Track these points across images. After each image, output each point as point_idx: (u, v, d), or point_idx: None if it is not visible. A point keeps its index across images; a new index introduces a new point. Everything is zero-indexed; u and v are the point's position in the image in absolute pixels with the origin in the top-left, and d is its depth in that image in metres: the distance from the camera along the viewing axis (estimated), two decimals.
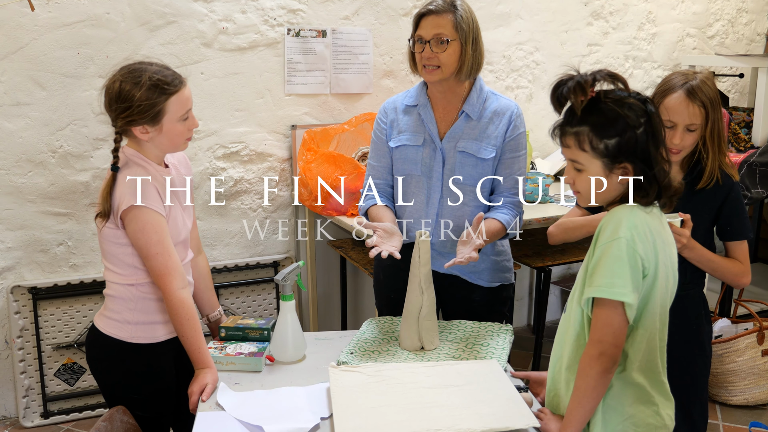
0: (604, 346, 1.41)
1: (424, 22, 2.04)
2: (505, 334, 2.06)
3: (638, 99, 1.48)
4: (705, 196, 2.01)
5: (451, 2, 2.03)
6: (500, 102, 2.14)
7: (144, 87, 1.73)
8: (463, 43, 2.02)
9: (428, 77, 2.08)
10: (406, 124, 2.18)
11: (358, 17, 3.30)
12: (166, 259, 1.76)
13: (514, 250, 3.20)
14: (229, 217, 3.23)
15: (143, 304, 1.85)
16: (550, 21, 3.75)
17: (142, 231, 1.75)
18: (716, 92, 1.99)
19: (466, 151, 2.11)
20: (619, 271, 1.42)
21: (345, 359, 1.88)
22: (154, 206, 1.76)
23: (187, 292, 1.80)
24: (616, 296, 1.41)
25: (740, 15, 4.30)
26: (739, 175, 3.23)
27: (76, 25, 2.82)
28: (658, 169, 1.46)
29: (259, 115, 3.20)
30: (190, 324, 1.78)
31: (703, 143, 1.98)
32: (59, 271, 3.00)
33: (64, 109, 2.87)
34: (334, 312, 3.55)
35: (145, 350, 1.85)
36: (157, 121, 1.77)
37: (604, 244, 1.45)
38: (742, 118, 3.80)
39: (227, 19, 3.06)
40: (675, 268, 1.55)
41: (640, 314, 1.47)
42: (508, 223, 2.10)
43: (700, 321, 2.09)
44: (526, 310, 4.14)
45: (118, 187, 1.77)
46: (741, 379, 3.15)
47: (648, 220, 1.47)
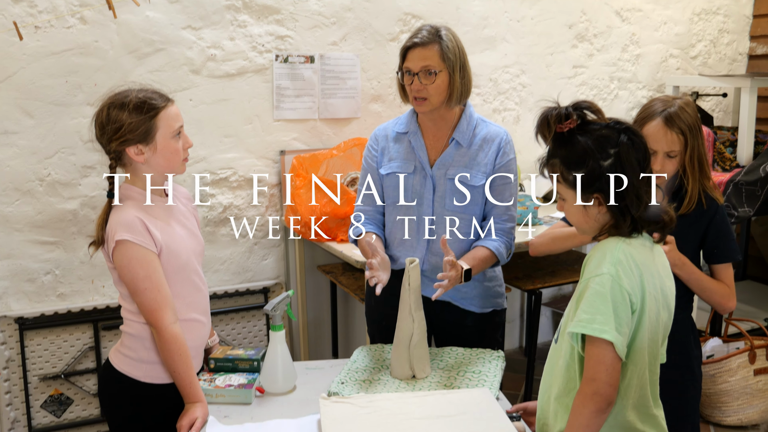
0: (598, 385, 1.40)
1: (410, 54, 2.06)
2: (497, 360, 2.05)
3: (614, 129, 1.48)
4: (690, 220, 2.02)
5: (436, 32, 2.05)
6: (490, 129, 2.16)
7: (131, 106, 1.75)
8: (450, 72, 2.04)
9: (419, 108, 2.10)
10: (396, 152, 2.19)
11: (346, 43, 3.32)
12: (155, 294, 1.75)
13: (505, 273, 3.20)
14: (218, 243, 3.22)
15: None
16: (535, 44, 3.79)
17: (128, 267, 1.74)
18: (696, 118, 2.00)
19: (456, 179, 2.12)
20: (602, 307, 1.41)
21: (336, 390, 1.87)
22: (140, 241, 1.74)
23: (179, 326, 1.78)
24: (595, 332, 1.40)
25: (722, 35, 4.36)
26: (726, 195, 3.26)
27: (64, 53, 2.82)
28: (630, 200, 1.46)
29: (248, 141, 3.20)
30: (181, 359, 1.76)
31: (683, 169, 2.00)
32: (46, 301, 2.98)
33: (52, 137, 2.86)
34: (324, 338, 3.53)
35: (159, 390, 1.84)
36: (150, 138, 1.77)
37: (588, 279, 1.45)
38: (727, 137, 3.84)
39: (215, 46, 3.07)
40: (668, 300, 1.54)
41: (629, 350, 1.46)
42: (498, 251, 2.10)
43: (689, 345, 2.10)
44: (517, 333, 4.13)
45: (111, 220, 1.76)
46: (734, 399, 3.15)
47: (634, 252, 1.47)
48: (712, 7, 4.29)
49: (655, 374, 1.54)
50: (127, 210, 1.77)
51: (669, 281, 1.56)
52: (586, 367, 1.43)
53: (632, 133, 1.49)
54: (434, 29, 2.06)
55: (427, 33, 2.04)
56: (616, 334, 1.39)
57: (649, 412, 1.52)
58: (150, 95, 1.79)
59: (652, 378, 1.52)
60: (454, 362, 2.05)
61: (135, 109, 1.75)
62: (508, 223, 2.15)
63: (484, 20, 3.62)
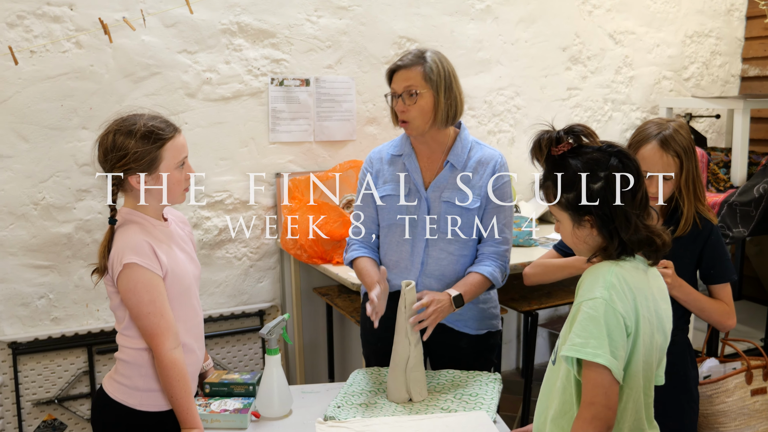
0: (597, 408, 1.39)
1: (395, 76, 2.09)
2: (494, 383, 2.04)
3: (605, 152, 1.50)
4: (685, 241, 2.02)
5: (420, 54, 2.08)
6: (484, 151, 2.17)
7: (138, 135, 1.74)
8: (435, 92, 2.05)
9: (405, 131, 2.13)
10: (391, 174, 2.20)
11: (341, 66, 3.34)
12: (158, 319, 1.73)
13: (501, 294, 3.19)
14: (214, 266, 3.21)
15: (155, 370, 1.80)
16: (529, 66, 3.82)
17: (134, 290, 1.73)
18: (690, 140, 2.02)
19: (450, 201, 2.12)
20: (595, 331, 1.41)
21: (332, 414, 1.86)
22: (148, 265, 1.73)
23: (180, 352, 1.77)
24: (588, 356, 1.40)
25: (714, 57, 4.41)
26: (720, 215, 3.27)
27: (59, 77, 2.83)
28: (619, 223, 1.47)
29: (244, 164, 3.21)
30: (180, 385, 1.74)
31: (678, 191, 2.01)
32: (40, 325, 2.96)
33: (47, 161, 2.86)
34: (321, 361, 3.51)
35: (155, 419, 1.81)
36: (154, 169, 1.77)
37: (580, 303, 1.46)
38: (721, 158, 3.86)
39: (211, 70, 3.08)
40: (663, 323, 1.54)
41: (624, 373, 1.45)
42: (492, 275, 2.11)
43: (686, 366, 2.09)
44: (514, 354, 4.12)
45: (116, 244, 1.75)
46: (731, 420, 3.13)
47: (627, 276, 1.47)
48: (704, 29, 4.34)
49: (650, 397, 1.53)
50: (133, 233, 1.76)
51: (664, 304, 1.56)
52: (584, 392, 1.42)
53: (623, 156, 1.50)
54: (420, 52, 2.09)
55: (412, 56, 2.08)
56: (611, 358, 1.39)
57: None
58: (158, 124, 1.77)
59: (646, 401, 1.52)
60: (450, 385, 2.04)
61: (142, 137, 1.74)
62: (502, 246, 2.16)
63: (478, 43, 3.65)
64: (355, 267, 2.20)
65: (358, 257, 2.20)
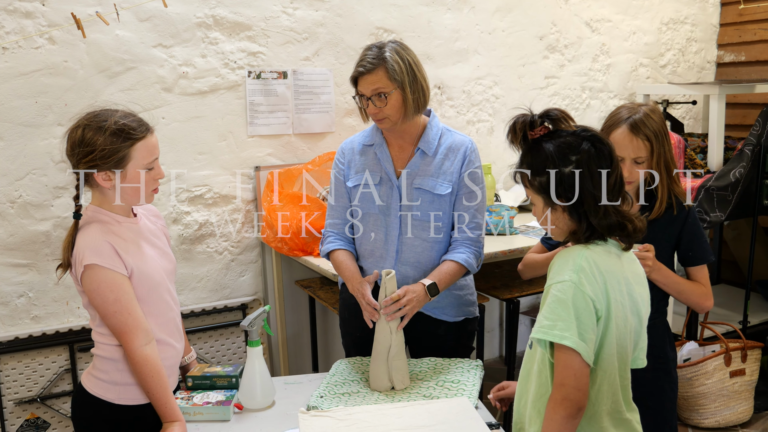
0: (567, 390, 1.41)
1: (360, 81, 2.09)
2: (476, 369, 2.06)
3: (578, 136, 1.51)
4: (662, 224, 2.04)
5: (380, 55, 2.06)
6: (455, 138, 2.19)
7: (108, 132, 1.71)
8: (402, 89, 2.06)
9: (382, 126, 2.14)
10: (362, 164, 2.21)
11: (318, 58, 3.33)
12: (125, 318, 1.73)
13: (482, 283, 3.21)
14: (195, 261, 3.20)
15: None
16: (507, 56, 3.83)
17: (97, 291, 1.72)
18: (662, 124, 2.04)
19: (422, 188, 2.14)
20: (563, 314, 1.42)
21: (315, 403, 1.86)
22: (109, 264, 1.72)
23: (151, 347, 1.76)
24: (555, 338, 1.42)
25: (690, 44, 4.44)
26: (697, 200, 3.31)
27: (33, 74, 2.80)
28: (588, 206, 1.48)
29: (223, 158, 3.19)
30: (155, 380, 1.74)
31: (650, 175, 2.03)
32: (20, 324, 2.93)
33: (23, 158, 2.83)
34: (304, 353, 3.52)
35: (132, 412, 1.81)
36: (121, 167, 1.74)
37: (549, 286, 1.47)
38: (698, 143, 3.90)
39: (187, 64, 3.06)
40: (638, 306, 1.55)
41: (597, 356, 1.47)
42: (467, 262, 2.13)
43: (665, 348, 2.12)
44: (497, 342, 4.14)
45: (77, 244, 1.74)
46: (711, 402, 3.18)
47: (598, 259, 1.48)
48: (679, 16, 4.37)
49: (626, 379, 1.55)
50: (94, 233, 1.74)
51: (640, 288, 1.57)
52: (556, 373, 1.44)
53: (596, 141, 1.51)
54: (378, 51, 2.07)
55: (372, 58, 2.06)
56: (578, 341, 1.40)
57: (623, 416, 1.53)
58: (130, 123, 1.74)
59: (623, 383, 1.53)
60: (432, 372, 2.05)
61: (112, 134, 1.71)
62: (475, 231, 2.17)
63: (455, 33, 3.65)
64: (333, 259, 2.22)
65: (335, 249, 2.21)
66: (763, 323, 3.73)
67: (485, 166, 3.52)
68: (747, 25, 4.32)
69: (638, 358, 1.63)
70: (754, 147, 3.37)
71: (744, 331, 3.50)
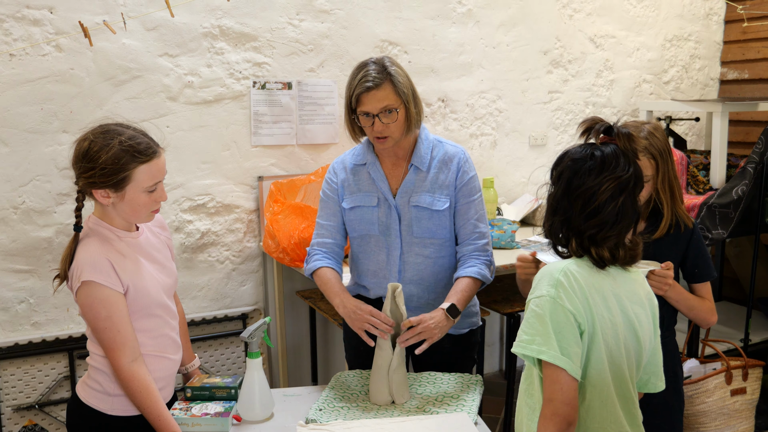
0: (555, 405, 1.41)
1: (365, 98, 2.01)
2: (475, 385, 2.05)
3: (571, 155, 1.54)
4: (667, 243, 2.05)
5: (383, 69, 2.02)
6: (447, 150, 2.16)
7: (112, 151, 1.68)
8: (406, 104, 2.04)
9: (382, 146, 2.09)
10: (357, 184, 2.18)
11: (323, 69, 3.35)
12: (114, 334, 1.72)
13: (483, 297, 3.21)
14: (196, 270, 3.20)
15: None
16: (511, 70, 3.84)
17: (90, 306, 1.72)
18: (665, 142, 2.04)
19: (420, 205, 2.11)
20: (540, 328, 1.42)
21: (314, 416, 1.86)
22: (106, 282, 1.72)
23: (138, 363, 1.75)
24: (533, 353, 1.42)
25: (693, 61, 4.46)
26: (699, 217, 3.31)
27: (39, 81, 2.81)
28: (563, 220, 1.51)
29: (226, 167, 3.20)
30: (144, 395, 1.74)
31: (656, 193, 2.03)
32: (21, 330, 2.93)
33: (27, 164, 2.84)
34: (304, 364, 3.51)
35: (125, 423, 1.81)
36: (120, 188, 1.72)
37: (529, 301, 1.48)
38: (700, 160, 3.90)
39: (193, 73, 3.07)
40: (635, 327, 1.54)
41: (585, 371, 1.47)
42: (480, 274, 2.09)
43: (676, 366, 2.13)
44: (497, 356, 4.13)
45: (77, 257, 1.74)
46: (712, 420, 3.16)
47: (580, 275, 1.48)
48: (683, 33, 4.39)
49: (628, 399, 1.54)
50: (93, 248, 1.73)
51: (637, 307, 1.56)
52: (544, 388, 1.45)
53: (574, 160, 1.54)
54: (381, 66, 2.02)
55: (376, 73, 2.00)
56: (559, 355, 1.40)
57: (623, 430, 1.52)
58: (136, 144, 1.71)
59: (623, 398, 1.53)
60: (432, 387, 2.05)
61: (114, 155, 1.68)
62: (480, 241, 2.14)
63: (460, 47, 3.67)
64: (317, 278, 2.18)
65: (320, 267, 2.17)
66: (765, 341, 3.72)
67: (487, 180, 3.52)
68: (750, 43, 4.33)
69: (649, 382, 1.62)
70: (756, 165, 3.37)
71: (745, 349, 3.49)
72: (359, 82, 2.02)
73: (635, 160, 1.53)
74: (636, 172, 1.52)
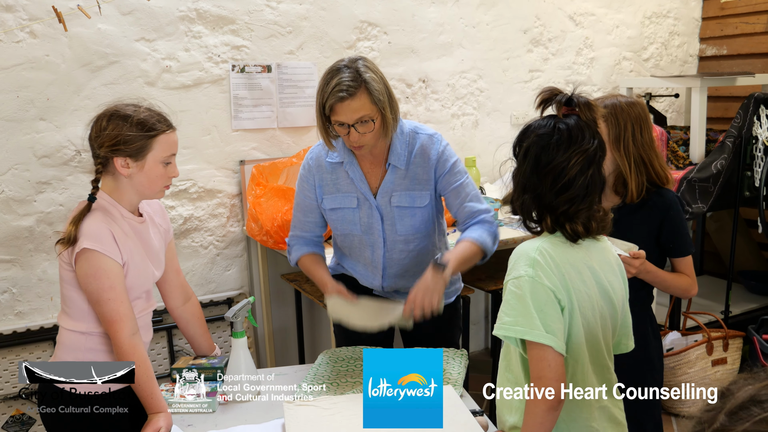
0: (545, 382, 1.41)
1: (339, 108, 1.88)
2: (460, 358, 2.07)
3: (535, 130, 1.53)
4: (643, 215, 2.06)
5: (358, 76, 1.88)
6: (422, 141, 2.06)
7: (133, 121, 1.78)
8: (383, 111, 1.92)
9: (358, 152, 2.01)
10: (335, 185, 2.10)
11: (303, 51, 3.33)
12: (118, 306, 1.74)
13: (467, 275, 3.22)
14: (180, 255, 3.19)
15: (92, 355, 1.81)
16: (491, 49, 3.84)
17: (94, 275, 1.73)
18: (632, 111, 2.07)
19: (401, 205, 2.07)
20: (522, 308, 1.43)
21: (300, 393, 1.87)
22: (108, 251, 1.74)
23: (138, 338, 1.78)
24: (518, 334, 1.43)
25: (672, 38, 4.48)
26: (679, 191, 3.34)
27: (14, 68, 2.78)
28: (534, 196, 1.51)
29: (207, 152, 3.18)
30: (141, 370, 1.74)
31: (622, 161, 2.05)
32: (4, 320, 2.91)
33: (5, 153, 2.81)
34: (291, 346, 3.52)
35: (96, 401, 1.80)
36: (141, 156, 1.78)
37: (507, 282, 1.48)
38: (680, 136, 3.94)
39: (170, 58, 3.05)
40: (610, 294, 1.55)
41: (567, 346, 1.47)
42: (480, 239, 2.01)
43: (648, 337, 2.14)
44: (483, 334, 4.16)
45: (84, 224, 1.74)
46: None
47: (554, 251, 1.48)
48: (662, 10, 4.40)
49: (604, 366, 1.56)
50: (97, 220, 1.76)
51: (610, 275, 1.57)
52: (531, 368, 1.45)
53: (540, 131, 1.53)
54: (355, 72, 1.88)
55: (350, 80, 1.86)
56: (542, 333, 1.41)
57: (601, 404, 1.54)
58: (154, 116, 1.83)
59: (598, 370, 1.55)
60: None
61: (136, 124, 1.78)
62: (481, 216, 2.07)
63: (440, 26, 3.66)
64: (302, 265, 2.17)
65: (303, 255, 2.17)
66: (745, 313, 3.77)
67: (470, 159, 3.53)
68: (729, 18, 4.36)
69: (621, 343, 1.64)
70: (735, 139, 3.40)
71: (726, 321, 3.54)
72: (332, 91, 1.87)
73: (597, 130, 1.53)
74: (600, 143, 1.52)
